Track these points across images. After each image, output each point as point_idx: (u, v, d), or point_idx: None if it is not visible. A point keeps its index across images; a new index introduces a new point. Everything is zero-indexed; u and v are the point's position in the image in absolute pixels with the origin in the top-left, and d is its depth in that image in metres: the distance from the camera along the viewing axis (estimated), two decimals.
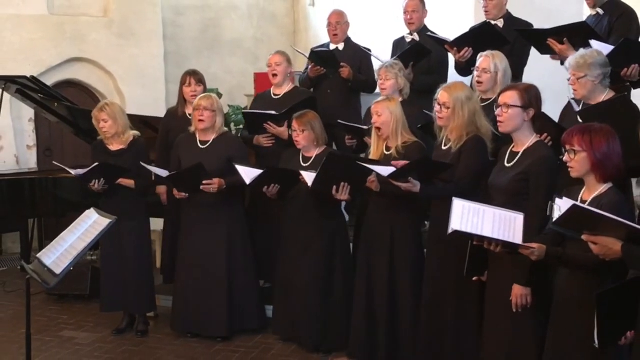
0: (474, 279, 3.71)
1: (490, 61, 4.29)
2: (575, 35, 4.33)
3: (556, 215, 2.92)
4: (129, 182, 5.13)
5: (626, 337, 2.77)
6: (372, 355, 4.54)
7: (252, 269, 5.23)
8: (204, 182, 4.86)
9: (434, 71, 5.62)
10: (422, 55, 5.46)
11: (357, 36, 6.21)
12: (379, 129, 4.42)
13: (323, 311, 4.80)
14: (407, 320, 4.40)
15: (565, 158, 3.09)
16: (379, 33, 6.32)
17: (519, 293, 3.44)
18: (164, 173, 5.03)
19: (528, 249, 3.11)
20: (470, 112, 3.94)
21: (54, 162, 5.84)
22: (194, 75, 5.54)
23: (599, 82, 3.67)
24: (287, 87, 5.52)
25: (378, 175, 4.17)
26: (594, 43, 3.99)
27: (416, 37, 5.76)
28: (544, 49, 4.59)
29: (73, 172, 5.09)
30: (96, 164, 4.98)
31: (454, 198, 3.32)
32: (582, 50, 3.82)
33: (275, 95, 5.53)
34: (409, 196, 4.07)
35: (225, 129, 5.25)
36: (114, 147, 5.20)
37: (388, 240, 4.43)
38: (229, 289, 5.05)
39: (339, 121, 5.18)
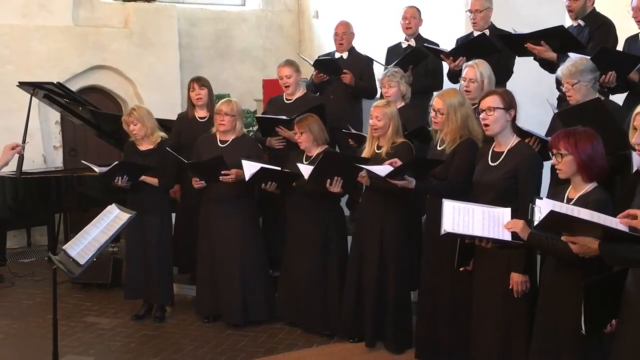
0: (461, 269, 3.73)
1: (475, 71, 4.31)
2: (552, 38, 4.37)
3: (537, 216, 2.90)
4: (152, 180, 5.16)
5: (611, 324, 2.79)
6: (360, 337, 4.61)
7: (262, 262, 5.24)
8: (222, 172, 4.89)
9: (432, 74, 5.66)
10: (420, 58, 5.49)
11: (359, 44, 6.23)
12: (375, 129, 4.45)
13: (322, 297, 4.83)
14: (392, 304, 4.43)
15: (553, 161, 3.09)
16: (378, 42, 6.33)
17: (518, 280, 3.46)
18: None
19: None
20: (463, 116, 3.95)
21: (82, 161, 5.85)
22: (197, 81, 5.60)
23: (591, 86, 3.72)
24: (298, 93, 5.56)
25: (369, 172, 4.20)
26: (572, 55, 4.00)
27: (412, 42, 5.77)
28: (522, 52, 4.61)
29: (97, 169, 5.12)
30: (115, 162, 5.02)
31: (443, 200, 3.31)
32: (570, 59, 3.84)
33: (287, 100, 5.56)
34: (397, 190, 4.09)
35: (244, 131, 5.28)
36: (144, 147, 5.24)
37: (378, 230, 4.46)
38: (242, 280, 5.07)
39: (344, 130, 5.21)
